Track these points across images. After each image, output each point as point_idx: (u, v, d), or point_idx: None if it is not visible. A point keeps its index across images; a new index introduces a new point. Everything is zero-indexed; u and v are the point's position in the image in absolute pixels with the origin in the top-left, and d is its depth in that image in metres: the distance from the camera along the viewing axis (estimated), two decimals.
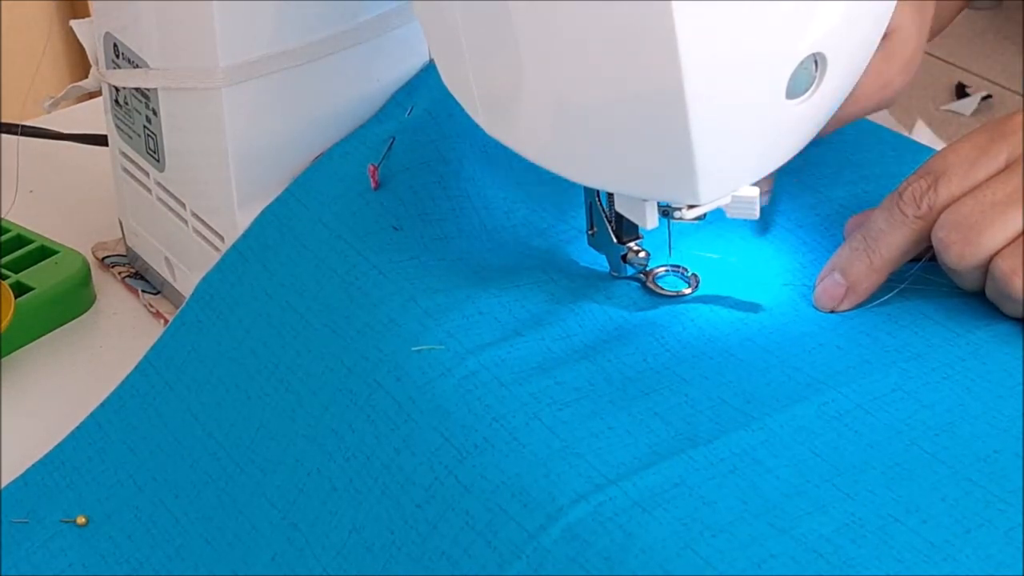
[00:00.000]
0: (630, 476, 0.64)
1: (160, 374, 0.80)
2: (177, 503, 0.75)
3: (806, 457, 0.64)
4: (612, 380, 0.69)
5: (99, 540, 0.75)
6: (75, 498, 0.77)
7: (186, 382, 0.79)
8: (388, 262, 0.76)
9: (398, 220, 0.78)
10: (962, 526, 0.61)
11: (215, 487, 0.75)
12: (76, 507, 0.77)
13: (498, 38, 0.67)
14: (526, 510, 0.64)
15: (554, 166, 0.70)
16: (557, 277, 0.76)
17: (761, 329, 0.72)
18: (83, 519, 0.76)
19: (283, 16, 0.80)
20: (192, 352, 0.79)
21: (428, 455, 0.67)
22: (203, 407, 0.77)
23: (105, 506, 0.76)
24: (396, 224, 0.78)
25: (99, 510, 0.76)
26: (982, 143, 0.72)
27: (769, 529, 0.61)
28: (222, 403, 0.77)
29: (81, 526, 0.76)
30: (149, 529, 0.75)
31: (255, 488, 0.73)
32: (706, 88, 0.63)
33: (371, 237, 0.77)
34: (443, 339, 0.71)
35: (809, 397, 0.67)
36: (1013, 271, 0.69)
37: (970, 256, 0.70)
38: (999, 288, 0.70)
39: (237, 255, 0.81)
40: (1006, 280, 0.70)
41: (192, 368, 0.79)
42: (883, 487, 0.63)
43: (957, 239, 0.70)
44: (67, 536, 0.75)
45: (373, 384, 0.71)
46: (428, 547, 0.66)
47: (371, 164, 0.80)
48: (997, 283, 0.70)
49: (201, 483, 0.75)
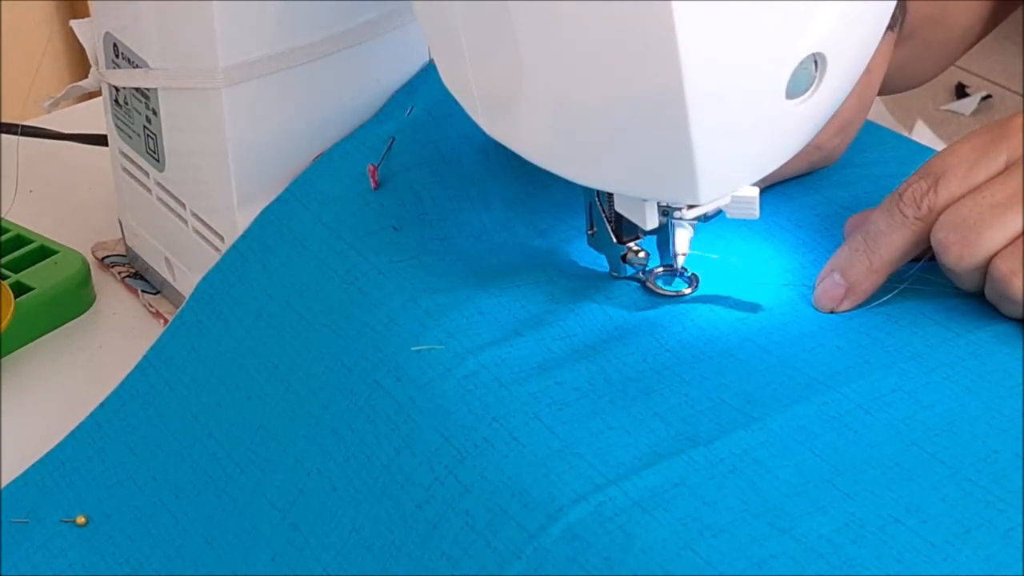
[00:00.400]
0: (630, 476, 0.64)
1: (160, 374, 0.80)
2: (177, 503, 0.75)
3: (806, 457, 0.64)
4: (612, 380, 0.69)
5: (99, 540, 0.75)
6: (75, 498, 0.77)
7: (186, 382, 0.79)
8: (388, 262, 0.76)
9: (398, 220, 0.78)
10: (962, 526, 0.61)
11: (215, 487, 0.75)
12: (76, 507, 0.77)
13: (498, 38, 0.67)
14: (526, 510, 0.64)
15: (554, 166, 0.70)
16: (557, 277, 0.76)
17: (761, 329, 0.72)
18: (83, 519, 0.76)
19: (283, 16, 0.80)
20: (192, 352, 0.79)
21: (428, 455, 0.67)
22: (203, 407, 0.77)
23: (105, 506, 0.76)
24: (396, 224, 0.78)
25: (99, 510, 0.76)
26: (982, 144, 0.72)
27: (769, 529, 0.61)
28: (222, 403, 0.77)
29: (81, 526, 0.76)
30: (149, 529, 0.75)
31: (255, 488, 0.73)
32: (706, 88, 0.63)
33: (371, 237, 0.77)
34: (443, 339, 0.71)
35: (809, 397, 0.67)
36: (1013, 272, 0.69)
37: (969, 257, 0.70)
38: (998, 289, 0.70)
39: (237, 255, 0.81)
40: (1006, 281, 0.70)
41: (192, 368, 0.79)
42: (883, 487, 0.63)
43: (956, 240, 0.70)
44: (67, 536, 0.75)
45: (373, 384, 0.71)
46: (428, 547, 0.66)
47: (371, 164, 0.80)
48: (996, 284, 0.70)
49: (201, 483, 0.75)
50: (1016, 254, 0.69)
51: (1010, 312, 0.71)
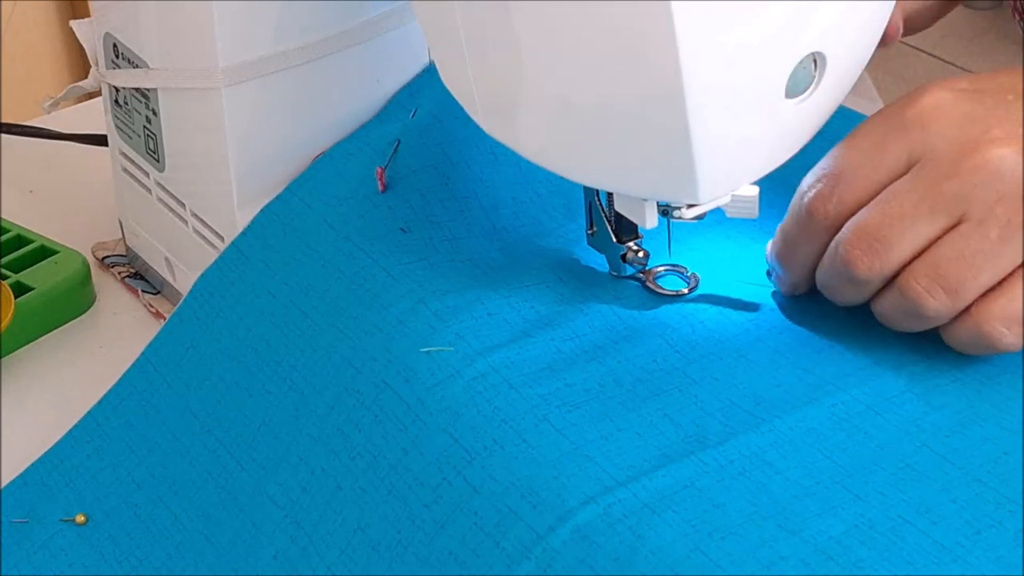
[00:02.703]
0: (639, 478, 0.64)
1: (158, 371, 0.79)
2: (176, 500, 0.75)
3: (816, 459, 0.65)
4: (622, 381, 0.69)
5: (99, 539, 0.75)
6: (74, 497, 0.77)
7: (184, 379, 0.78)
8: (397, 264, 0.76)
9: (406, 223, 0.78)
10: (972, 527, 0.61)
11: (215, 484, 0.75)
12: (75, 506, 0.76)
13: (498, 39, 0.67)
14: (535, 511, 0.64)
15: (554, 166, 0.70)
16: (566, 277, 0.76)
17: (771, 329, 0.72)
18: (82, 517, 0.76)
19: (283, 16, 0.79)
20: (191, 349, 0.79)
21: (437, 456, 0.67)
22: (202, 404, 0.77)
23: (104, 504, 0.76)
24: (404, 227, 0.78)
25: (98, 508, 0.76)
26: (878, 138, 0.69)
27: (778, 531, 0.61)
28: (222, 400, 0.76)
29: (80, 525, 0.76)
30: (148, 527, 0.75)
31: (256, 486, 0.73)
32: (706, 88, 0.64)
33: (379, 240, 0.77)
34: (452, 341, 0.71)
35: (819, 399, 0.67)
36: (928, 291, 0.67)
37: (879, 270, 0.68)
38: (906, 306, 0.68)
39: (237, 253, 0.80)
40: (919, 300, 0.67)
41: (191, 365, 0.79)
42: (893, 488, 0.63)
43: (865, 252, 0.68)
44: (67, 535, 0.75)
45: (381, 384, 0.71)
46: (435, 547, 0.66)
47: (379, 167, 0.80)
48: (906, 301, 0.68)
49: (201, 480, 0.75)
50: (929, 272, 0.67)
51: (906, 328, 0.70)
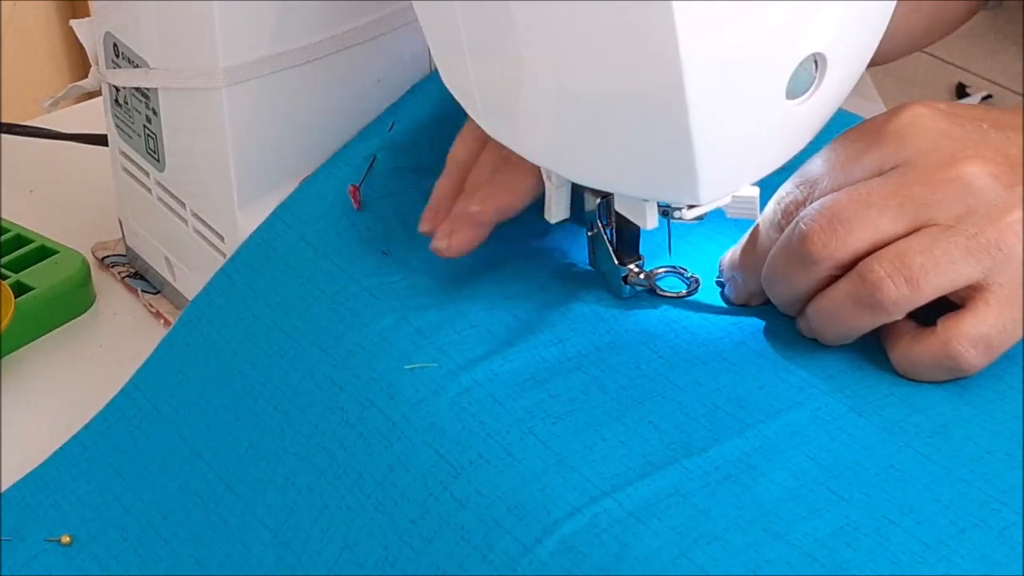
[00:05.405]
0: (624, 487, 0.64)
1: (147, 397, 0.79)
2: (165, 525, 0.75)
3: (800, 461, 0.65)
4: (606, 389, 0.69)
5: (84, 560, 0.75)
6: (59, 518, 0.77)
7: (174, 404, 0.78)
8: (379, 284, 0.76)
9: (385, 242, 0.78)
10: (956, 526, 0.61)
11: (204, 508, 0.74)
12: (60, 527, 0.76)
13: (499, 38, 0.66)
14: (522, 523, 0.64)
15: (554, 166, 0.70)
16: (548, 284, 0.76)
17: (754, 332, 0.72)
18: (67, 538, 0.75)
19: (283, 16, 0.79)
20: (180, 375, 0.79)
21: (422, 472, 0.67)
22: (191, 429, 0.77)
23: (90, 527, 0.76)
24: (384, 247, 0.78)
25: (84, 531, 0.76)
26: (855, 152, 0.69)
27: (764, 535, 0.62)
28: (211, 424, 0.76)
29: (65, 545, 0.75)
30: (136, 550, 0.75)
31: (245, 508, 0.73)
32: (706, 88, 0.63)
33: (358, 259, 0.77)
34: (435, 356, 0.71)
35: (802, 402, 0.67)
36: (889, 276, 0.66)
37: (834, 251, 0.67)
38: (862, 294, 0.67)
39: (224, 278, 0.80)
40: (877, 285, 0.66)
41: (180, 391, 0.79)
42: (877, 489, 0.63)
43: (824, 229, 0.67)
44: (51, 555, 0.75)
45: (365, 402, 0.71)
46: (423, 562, 0.66)
47: (351, 184, 0.80)
48: (864, 286, 0.67)
49: (190, 504, 0.75)
50: (894, 260, 0.66)
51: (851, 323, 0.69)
